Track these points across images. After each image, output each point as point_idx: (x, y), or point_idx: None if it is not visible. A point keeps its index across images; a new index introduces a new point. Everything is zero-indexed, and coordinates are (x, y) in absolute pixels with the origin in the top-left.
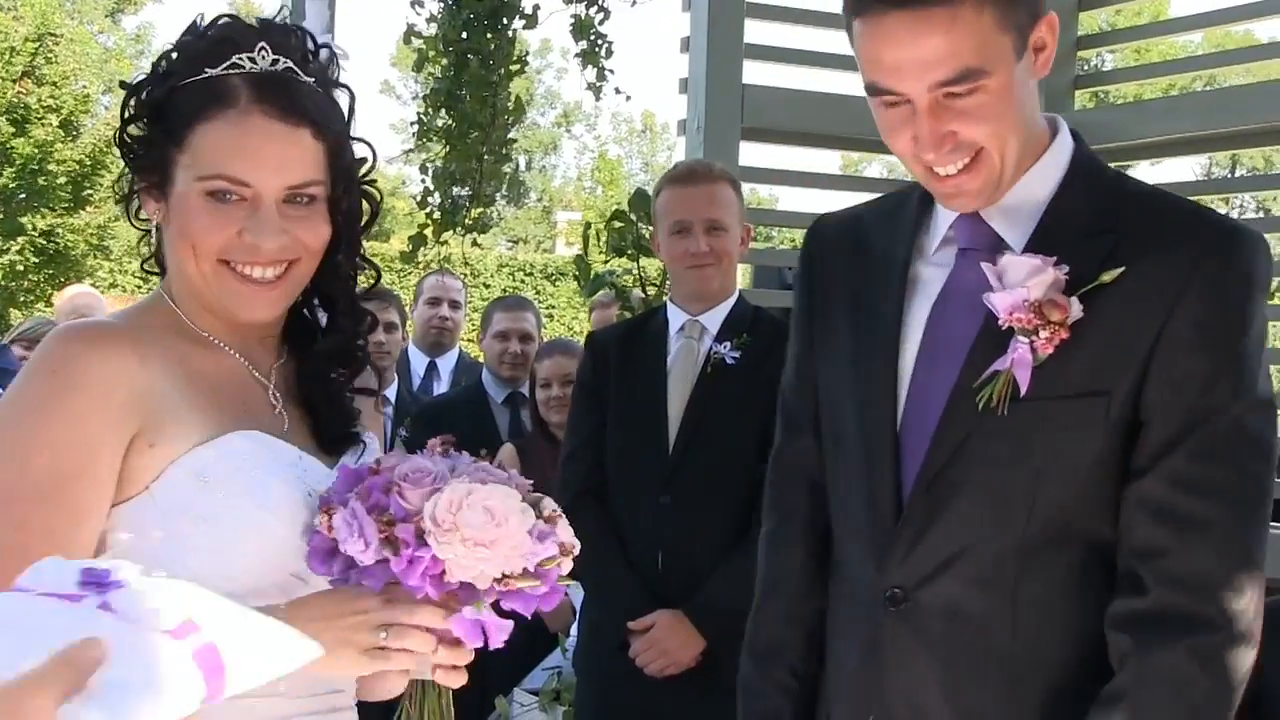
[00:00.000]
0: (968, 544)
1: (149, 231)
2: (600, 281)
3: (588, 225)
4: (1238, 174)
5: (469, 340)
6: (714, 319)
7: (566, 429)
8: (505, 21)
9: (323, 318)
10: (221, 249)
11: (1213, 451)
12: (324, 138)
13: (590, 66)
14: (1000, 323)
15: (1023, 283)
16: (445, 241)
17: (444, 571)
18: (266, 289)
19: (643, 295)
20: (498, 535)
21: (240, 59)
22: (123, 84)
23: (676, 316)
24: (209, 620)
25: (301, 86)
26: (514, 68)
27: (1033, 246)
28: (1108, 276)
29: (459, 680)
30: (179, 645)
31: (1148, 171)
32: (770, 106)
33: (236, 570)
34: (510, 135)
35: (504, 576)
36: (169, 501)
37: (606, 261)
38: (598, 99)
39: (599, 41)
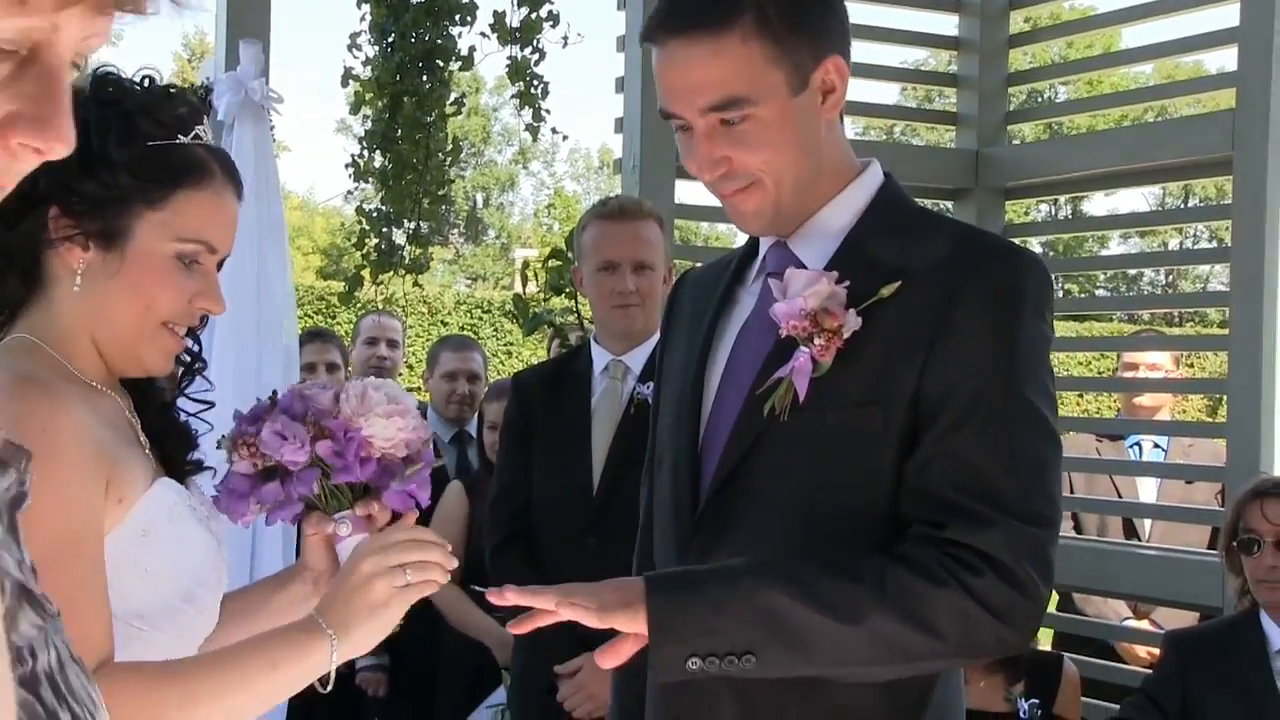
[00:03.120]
0: (756, 545)
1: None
2: (539, 320)
3: (525, 264)
4: (1190, 204)
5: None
6: (637, 359)
7: (495, 471)
8: (440, 64)
9: None
10: (176, 313)
11: (993, 429)
12: None
13: (527, 107)
14: (781, 332)
15: (800, 293)
16: (383, 282)
17: (368, 452)
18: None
19: (582, 333)
20: (401, 409)
21: (201, 130)
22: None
23: (600, 356)
24: None
25: None
26: (449, 110)
27: (828, 269)
28: (886, 291)
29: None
30: None
31: (1102, 202)
32: None
33: (175, 610)
34: (448, 176)
35: (406, 460)
36: (118, 555)
37: (545, 300)
38: (535, 139)
39: (535, 83)
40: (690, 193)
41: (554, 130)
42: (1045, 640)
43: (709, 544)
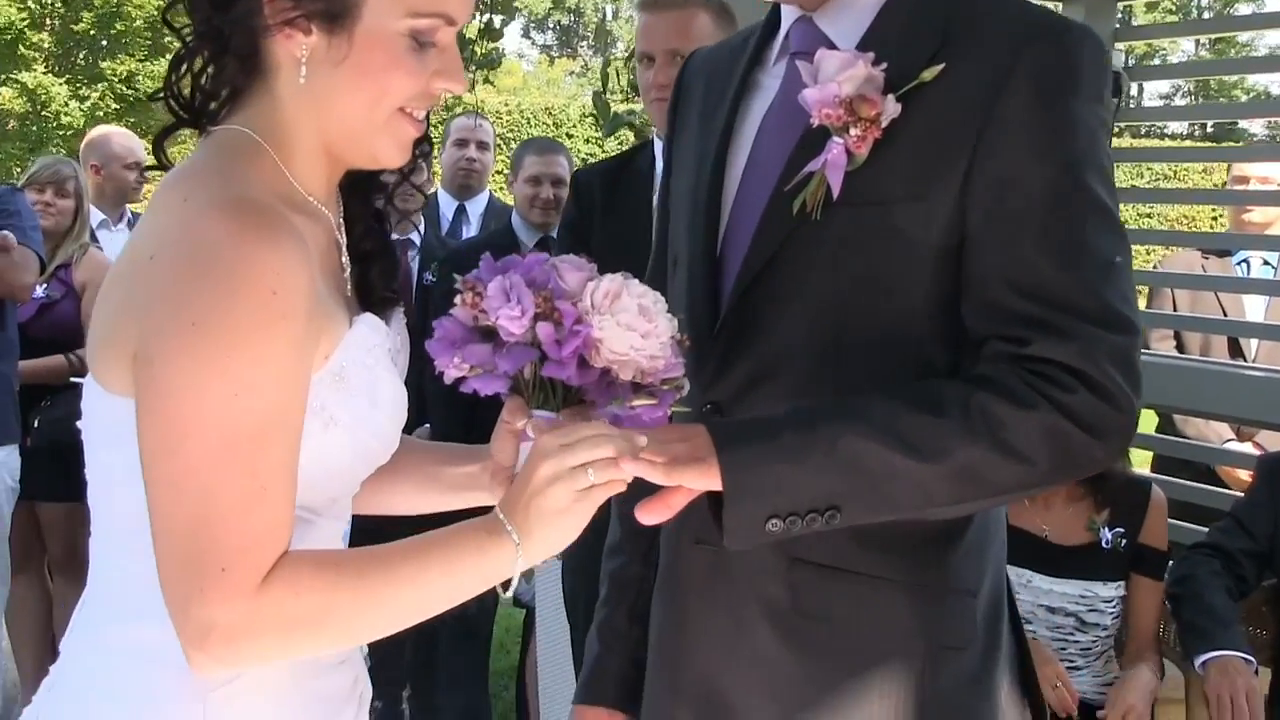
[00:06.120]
0: (783, 356)
1: (205, 65)
2: (619, 121)
3: (606, 63)
4: None
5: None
6: None
7: None
8: None
9: None
10: (413, 96)
11: (1059, 228)
12: None
13: None
14: (812, 120)
15: (834, 78)
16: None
17: (590, 356)
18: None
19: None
20: (649, 329)
21: None
22: None
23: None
24: None
25: None
26: None
27: (860, 48)
28: (928, 74)
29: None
30: None
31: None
32: None
33: (341, 467)
34: None
35: (636, 385)
36: (311, 404)
37: (626, 99)
38: None
39: None
40: None
41: None
42: (1144, 463)
43: (730, 355)
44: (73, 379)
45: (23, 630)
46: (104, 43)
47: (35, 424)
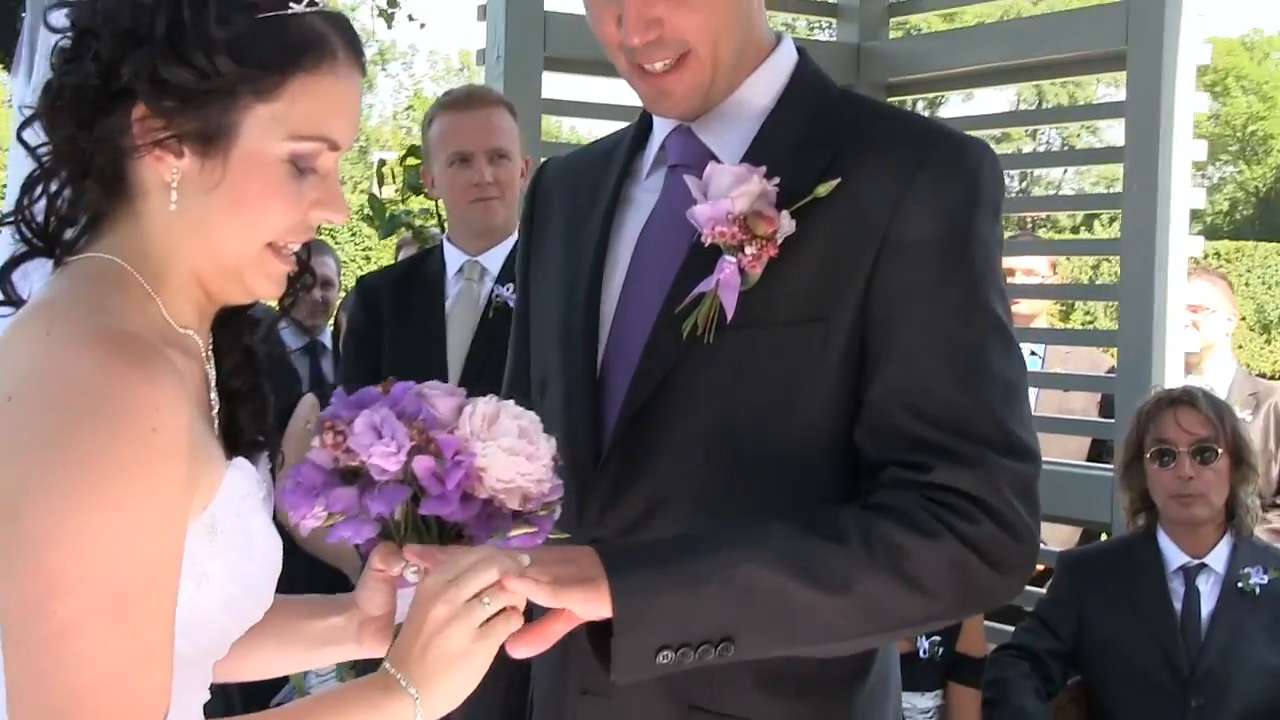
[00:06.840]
0: (674, 488)
1: (55, 186)
2: (396, 222)
3: (381, 163)
4: (1043, 108)
5: None
6: (495, 259)
7: (338, 381)
8: None
9: None
10: (288, 229)
11: (959, 350)
12: None
13: None
14: (704, 238)
15: (727, 193)
16: None
17: (473, 488)
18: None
19: (442, 234)
20: (532, 451)
21: None
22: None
23: (455, 257)
24: None
25: None
26: None
27: (746, 161)
28: (823, 189)
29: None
30: None
31: (959, 107)
32: (574, 35)
33: (212, 629)
34: None
35: (518, 513)
36: (185, 559)
37: (403, 201)
38: (389, 26)
39: None
40: (558, 86)
41: (410, 17)
42: None
43: (619, 487)
44: None
45: None
46: None
47: None
